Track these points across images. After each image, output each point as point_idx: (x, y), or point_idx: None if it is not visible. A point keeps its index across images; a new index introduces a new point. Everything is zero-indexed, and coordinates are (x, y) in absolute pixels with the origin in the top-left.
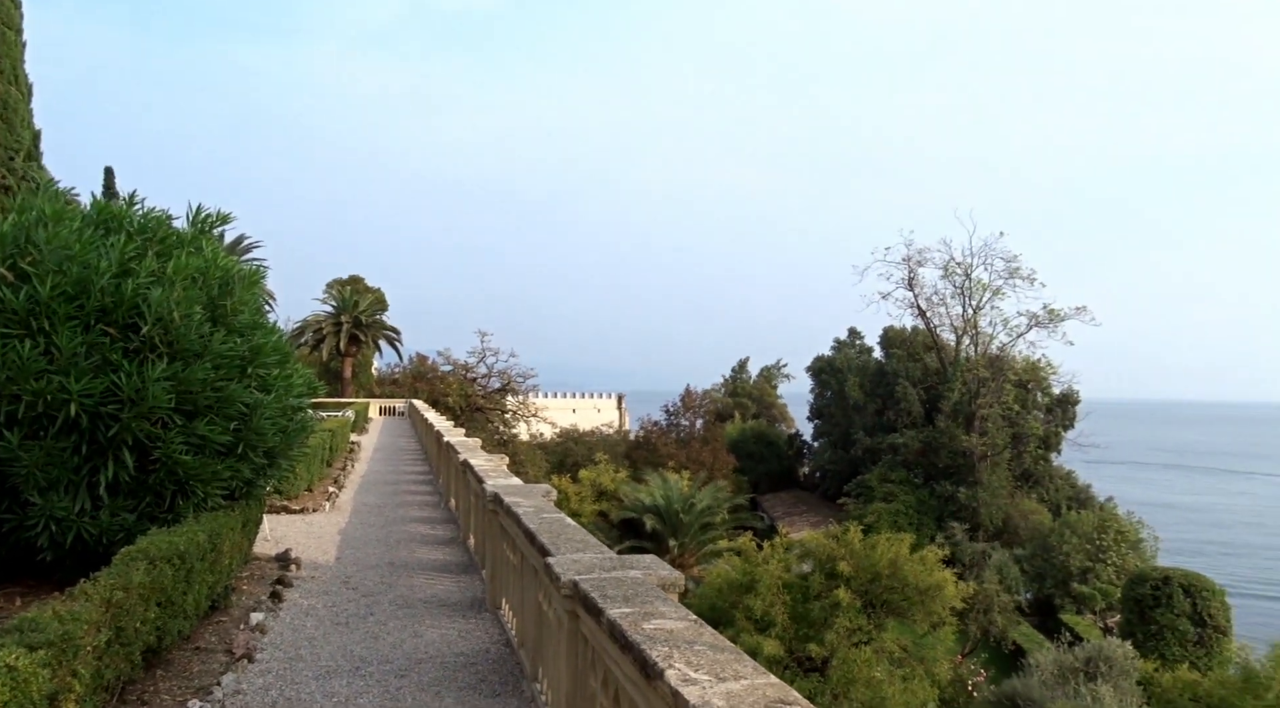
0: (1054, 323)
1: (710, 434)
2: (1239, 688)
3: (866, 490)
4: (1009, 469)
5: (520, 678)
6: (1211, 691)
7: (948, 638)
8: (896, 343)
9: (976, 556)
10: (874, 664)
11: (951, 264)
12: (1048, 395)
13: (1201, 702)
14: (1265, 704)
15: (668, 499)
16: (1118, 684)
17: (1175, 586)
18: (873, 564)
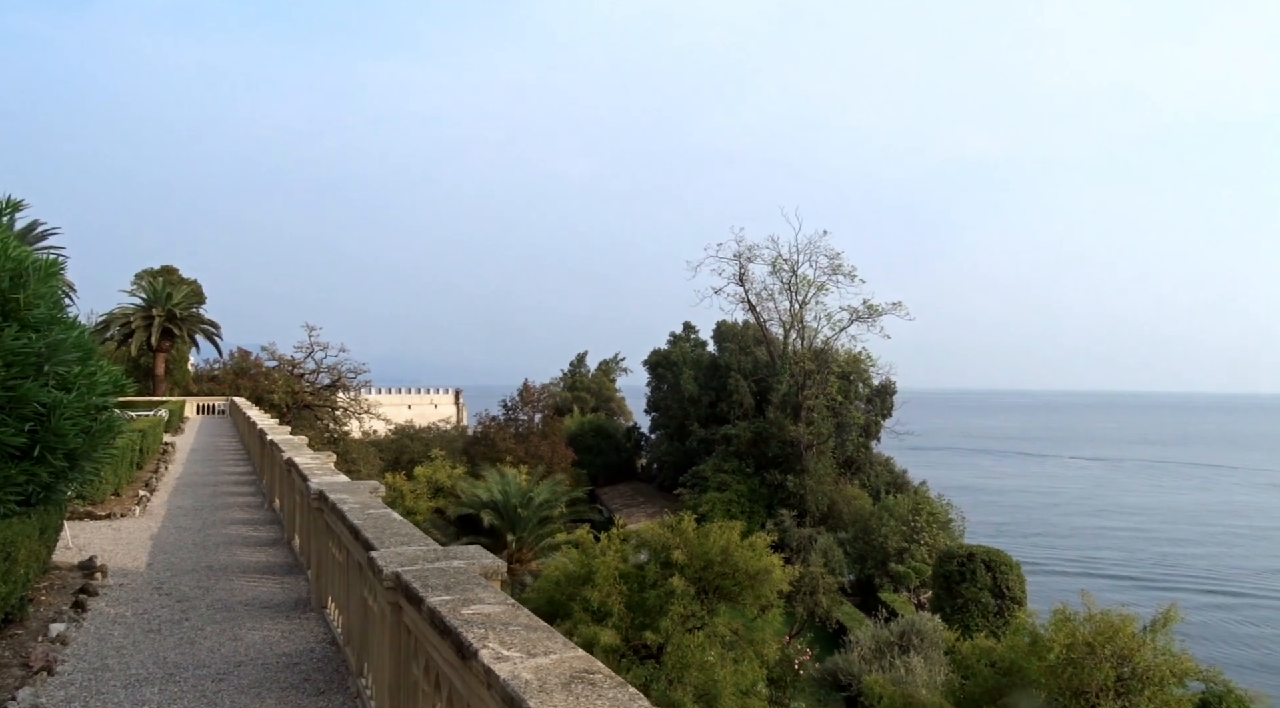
0: (873, 317)
1: (549, 428)
2: (1026, 651)
3: (701, 481)
4: (833, 457)
5: (346, 675)
6: (1004, 655)
7: (776, 620)
8: (729, 337)
9: (804, 540)
10: (707, 649)
11: (779, 261)
12: (868, 386)
13: (996, 666)
14: (1047, 664)
15: (505, 494)
16: (928, 655)
17: (979, 562)
18: (705, 552)
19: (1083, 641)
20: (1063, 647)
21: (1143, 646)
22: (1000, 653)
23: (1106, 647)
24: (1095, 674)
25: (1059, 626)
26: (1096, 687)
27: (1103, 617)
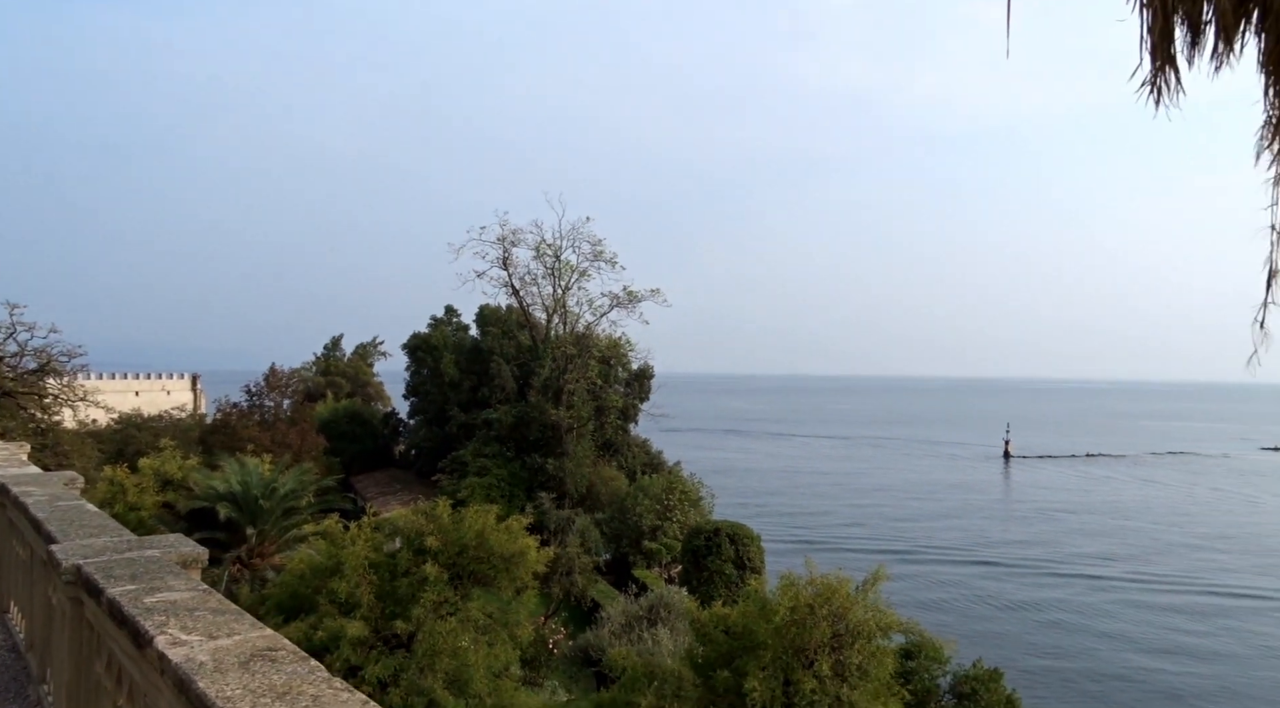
0: (632, 303)
1: (299, 415)
2: (756, 616)
3: (460, 466)
4: (593, 440)
5: (27, 682)
6: (737, 620)
7: (531, 601)
8: (492, 321)
9: (562, 521)
10: (459, 634)
11: (543, 245)
12: (627, 370)
13: (730, 631)
14: (774, 626)
15: (245, 485)
16: (674, 626)
17: (724, 536)
18: (460, 537)
19: (805, 603)
20: (787, 609)
21: (855, 604)
22: (734, 619)
23: (824, 607)
24: (815, 633)
25: (785, 590)
26: (815, 644)
27: (823, 580)
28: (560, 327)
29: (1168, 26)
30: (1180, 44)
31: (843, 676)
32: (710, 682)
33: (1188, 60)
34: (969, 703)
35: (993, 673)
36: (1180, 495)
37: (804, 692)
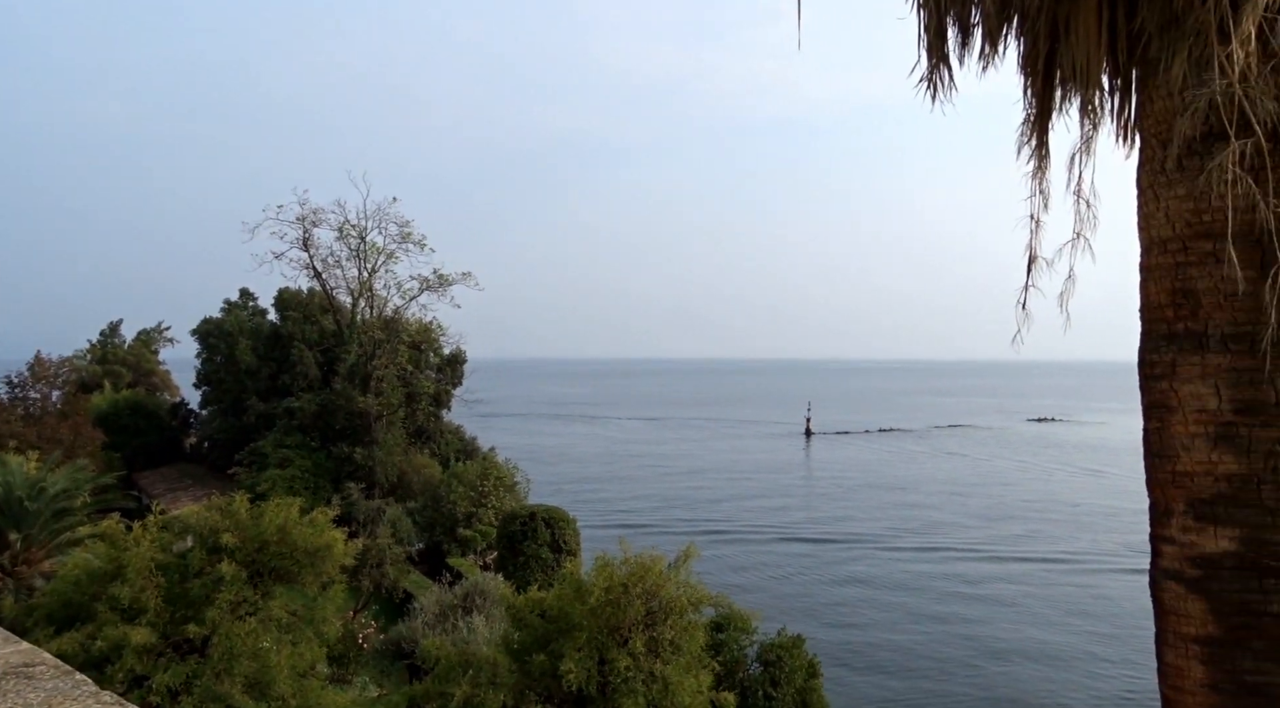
0: (443, 287)
1: (71, 408)
2: (572, 598)
3: (260, 458)
4: (404, 427)
5: None
6: (553, 604)
7: (339, 596)
8: (292, 305)
9: (372, 512)
10: (260, 635)
11: (347, 226)
12: (439, 355)
13: (545, 615)
14: (589, 607)
15: (7, 486)
16: (490, 614)
17: (539, 520)
18: (260, 533)
19: (619, 583)
20: (602, 590)
21: (668, 582)
22: (550, 603)
23: (638, 586)
24: (629, 611)
25: (599, 571)
26: (629, 622)
27: (636, 560)
28: (367, 311)
29: (941, 26)
30: (953, 43)
31: (656, 651)
32: (526, 667)
33: (959, 59)
34: (774, 669)
35: (795, 640)
36: (963, 465)
37: (619, 669)
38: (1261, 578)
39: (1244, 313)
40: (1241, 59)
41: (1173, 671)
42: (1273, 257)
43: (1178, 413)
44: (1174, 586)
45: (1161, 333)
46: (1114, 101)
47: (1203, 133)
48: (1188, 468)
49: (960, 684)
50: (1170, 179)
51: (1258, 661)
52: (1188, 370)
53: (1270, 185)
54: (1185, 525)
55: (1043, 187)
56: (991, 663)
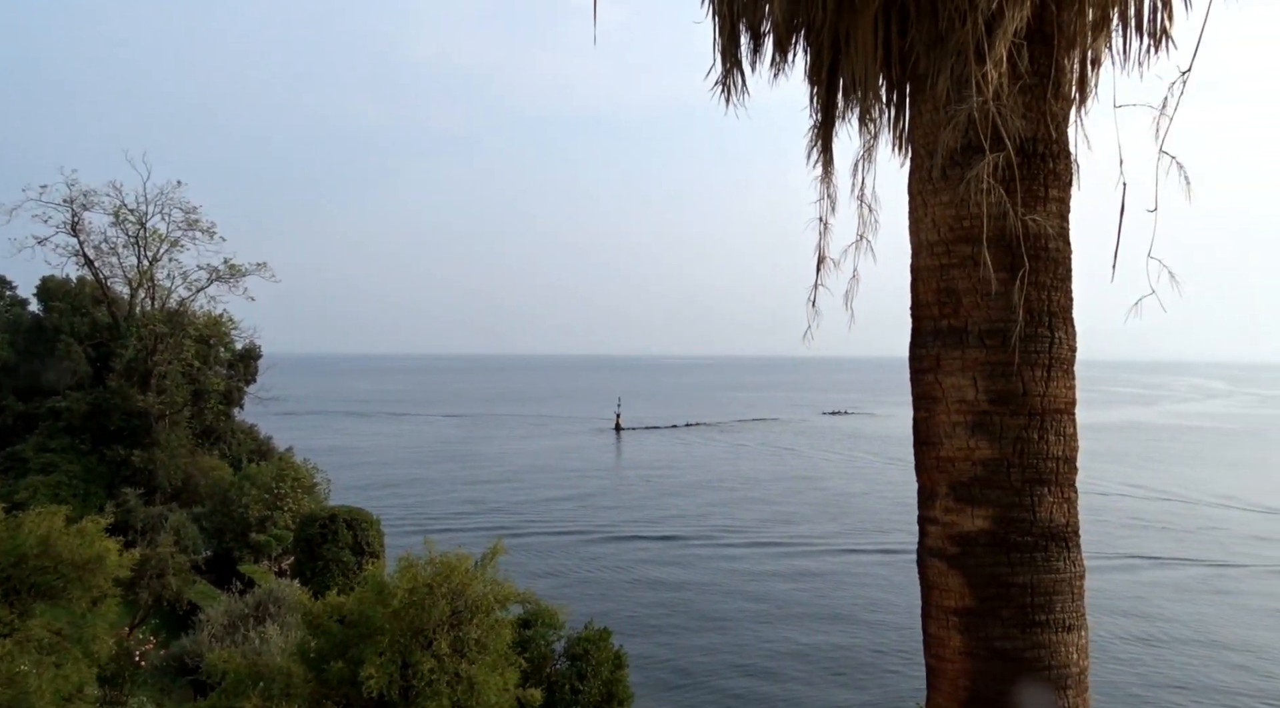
0: (235, 278)
1: None
2: (373, 601)
3: (20, 463)
4: (190, 427)
5: None
6: (353, 608)
7: (112, 611)
8: (58, 295)
9: (152, 519)
10: (16, 658)
11: (124, 211)
12: (230, 350)
13: (345, 620)
14: (392, 609)
15: None
16: (285, 622)
17: (340, 522)
18: (18, 546)
19: (423, 583)
20: (406, 591)
21: (474, 580)
22: (350, 607)
23: (444, 585)
24: (434, 612)
25: (403, 572)
26: (434, 623)
27: (442, 559)
28: (148, 302)
29: (734, 33)
30: (745, 50)
31: (462, 651)
32: (324, 675)
33: (751, 65)
34: (581, 663)
35: (602, 633)
36: (765, 456)
37: (423, 672)
38: (1009, 552)
39: (997, 311)
40: (995, 79)
41: (935, 641)
42: (1020, 261)
43: (942, 403)
44: (937, 563)
45: (929, 329)
46: (891, 113)
47: (963, 145)
48: (949, 454)
49: (754, 661)
50: (936, 187)
51: (1006, 628)
52: (950, 364)
53: (1019, 195)
54: (947, 507)
55: (830, 191)
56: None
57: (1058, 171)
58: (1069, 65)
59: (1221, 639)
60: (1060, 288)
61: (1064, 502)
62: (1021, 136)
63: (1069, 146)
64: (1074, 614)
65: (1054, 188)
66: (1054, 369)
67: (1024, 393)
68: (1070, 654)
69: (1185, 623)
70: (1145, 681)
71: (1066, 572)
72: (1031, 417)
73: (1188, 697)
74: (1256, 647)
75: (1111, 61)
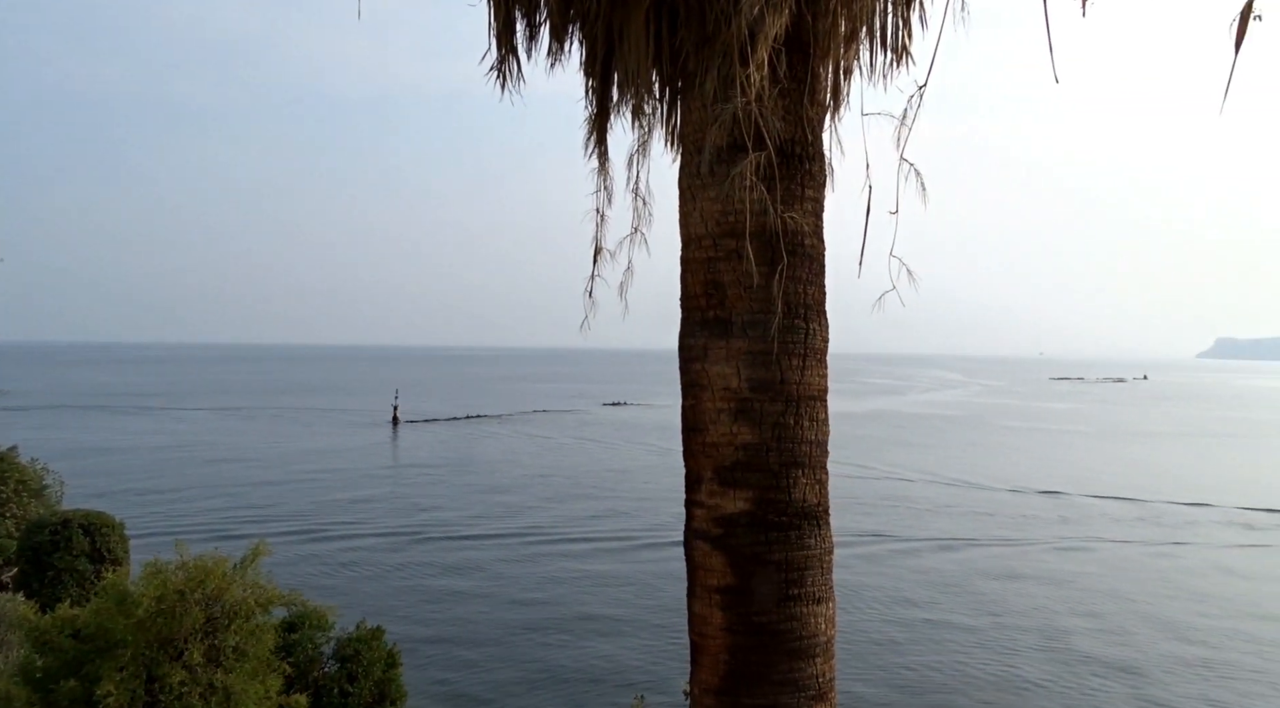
0: None
1: None
2: (114, 612)
3: None
4: None
5: None
6: (89, 620)
7: None
8: None
9: None
10: None
11: None
12: None
13: (80, 634)
14: (136, 619)
15: None
16: (6, 640)
17: (75, 527)
18: None
19: (174, 589)
20: (153, 600)
21: (233, 584)
22: (85, 619)
23: (198, 591)
24: (185, 620)
25: (150, 579)
26: (186, 632)
27: (196, 563)
28: None
29: (509, 18)
30: (521, 37)
31: (218, 660)
32: (52, 697)
33: (527, 53)
34: (351, 664)
35: (374, 632)
36: (550, 448)
37: (172, 686)
38: (767, 532)
39: (758, 303)
40: (757, 82)
41: (699, 619)
42: (780, 256)
43: (708, 391)
44: (701, 544)
45: (696, 320)
46: (664, 109)
47: (728, 143)
48: (714, 439)
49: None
50: (704, 182)
51: (762, 603)
52: (716, 353)
53: (779, 194)
54: (712, 490)
55: (606, 183)
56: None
57: (813, 173)
58: (824, 73)
59: (911, 599)
60: (815, 283)
61: (816, 483)
62: (781, 138)
63: (824, 150)
64: (824, 587)
65: (810, 188)
66: (809, 359)
67: (782, 381)
68: (819, 624)
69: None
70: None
71: (817, 548)
72: (789, 403)
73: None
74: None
75: (860, 73)
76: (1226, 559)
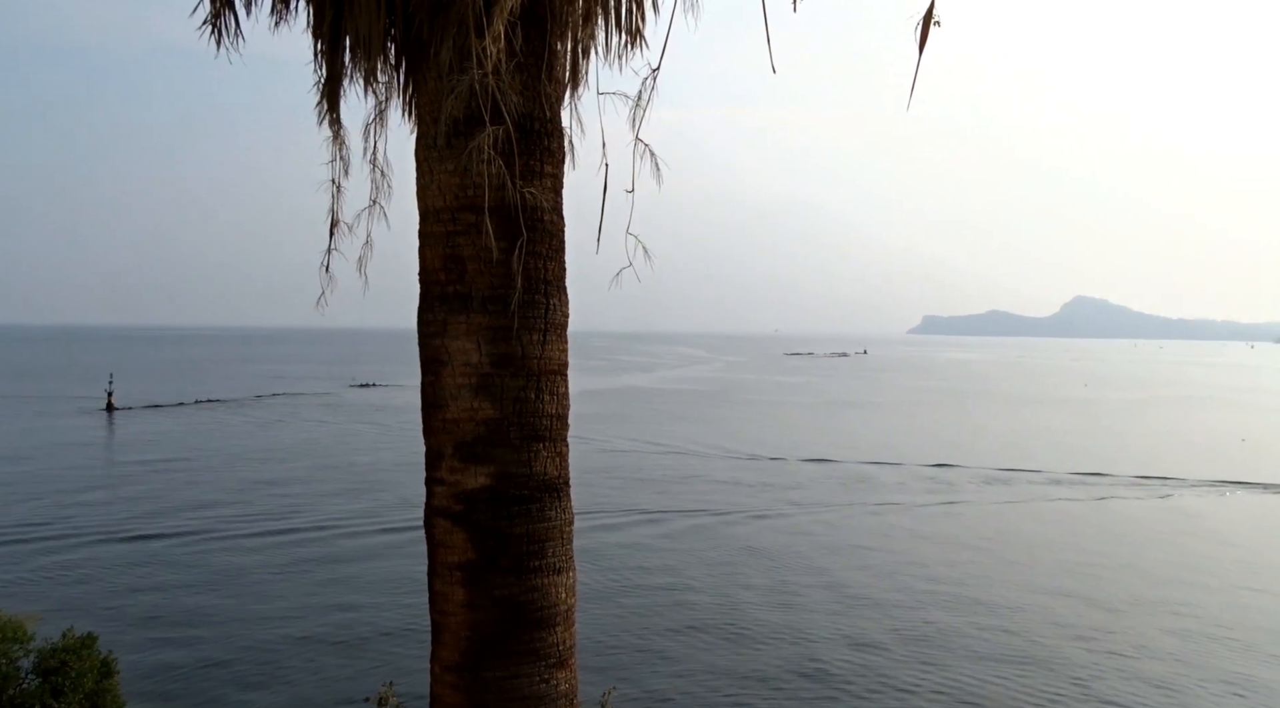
0: None
1: None
2: None
3: None
4: None
5: None
6: None
7: None
8: None
9: None
10: None
11: None
12: None
13: None
14: None
15: None
16: None
17: None
18: None
19: None
20: None
21: None
22: None
23: None
24: None
25: None
26: None
27: None
28: None
29: None
30: None
31: None
32: None
33: (246, 8)
34: (56, 678)
35: (85, 640)
36: (297, 434)
37: None
38: (509, 506)
39: (498, 278)
40: (494, 55)
41: (440, 597)
42: (519, 231)
43: (448, 367)
44: (442, 521)
45: (436, 294)
46: (400, 77)
47: (466, 116)
48: (455, 415)
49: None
50: (441, 155)
51: (504, 576)
52: (456, 329)
53: (518, 168)
54: (453, 467)
55: (342, 153)
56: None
57: (552, 149)
58: (562, 50)
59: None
60: (555, 258)
61: (557, 456)
62: (520, 113)
63: (562, 127)
64: (564, 558)
65: (549, 164)
66: (549, 334)
67: (523, 356)
68: (560, 594)
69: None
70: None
71: (558, 520)
72: (529, 378)
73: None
74: (686, 576)
75: (596, 53)
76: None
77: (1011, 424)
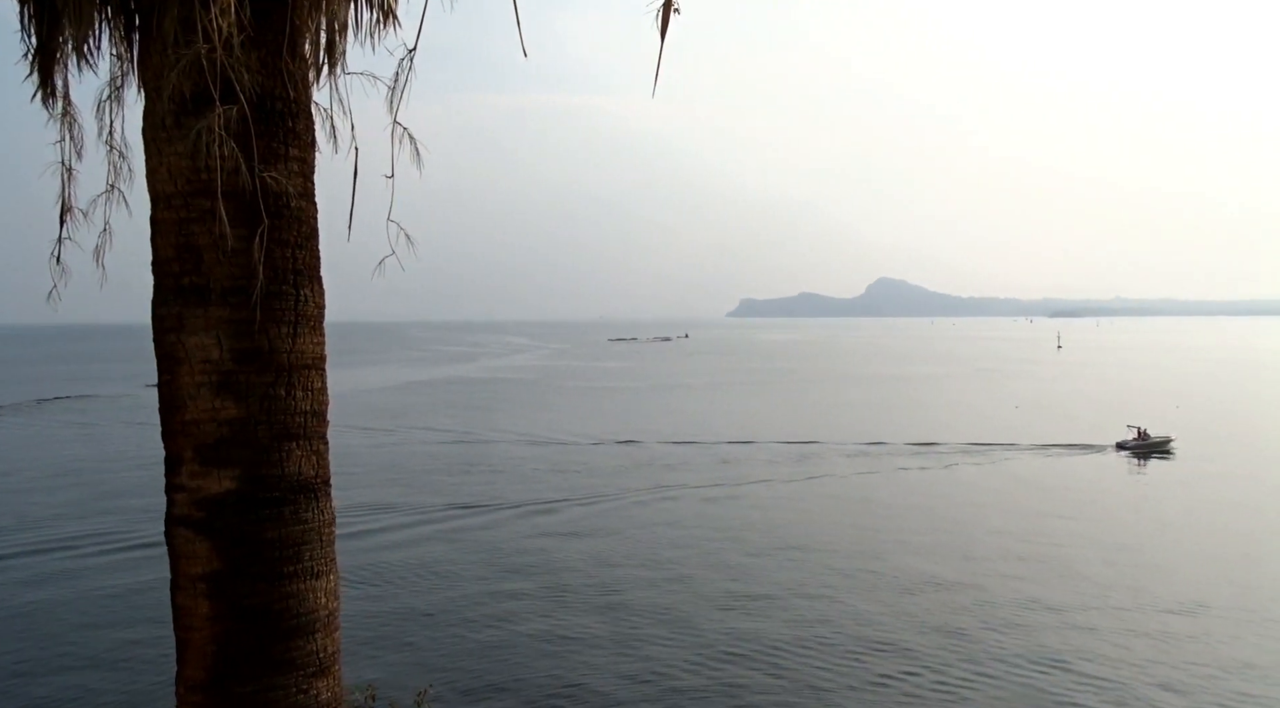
0: None
1: None
2: None
3: None
4: None
5: None
6: None
7: None
8: None
9: None
10: None
11: None
12: None
13: None
14: None
15: None
16: None
17: None
18: None
19: None
20: None
21: None
22: None
23: None
24: None
25: None
26: None
27: None
28: None
29: None
30: None
31: None
32: None
33: None
34: None
35: None
36: (91, 444)
37: None
38: (258, 510)
39: (238, 269)
40: (224, 29)
41: (184, 612)
42: (260, 218)
43: (185, 365)
44: (184, 531)
45: (170, 287)
46: (130, 50)
47: (195, 94)
48: (195, 416)
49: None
50: (170, 135)
51: (254, 584)
52: (194, 323)
53: (255, 151)
54: (193, 472)
55: (74, 133)
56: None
57: (298, 131)
58: (310, 27)
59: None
60: (305, 246)
61: (314, 455)
62: (258, 92)
63: (310, 108)
64: (323, 561)
65: (295, 147)
66: (300, 326)
67: (270, 350)
68: (319, 599)
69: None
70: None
71: (315, 521)
72: (279, 374)
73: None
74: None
75: (351, 31)
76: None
77: (832, 400)
